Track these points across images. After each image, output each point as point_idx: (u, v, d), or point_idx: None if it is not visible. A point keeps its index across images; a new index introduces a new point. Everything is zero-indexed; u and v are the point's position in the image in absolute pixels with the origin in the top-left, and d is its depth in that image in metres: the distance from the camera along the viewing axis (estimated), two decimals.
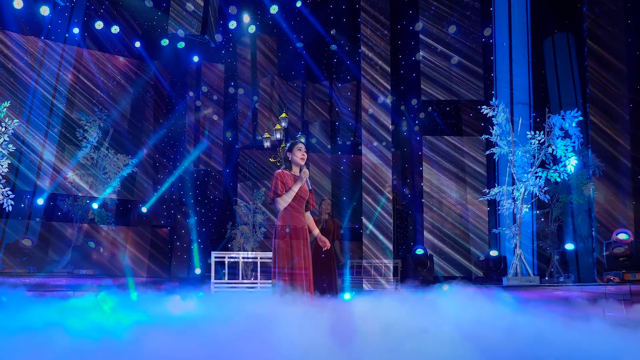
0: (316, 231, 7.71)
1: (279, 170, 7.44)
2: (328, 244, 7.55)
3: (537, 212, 14.29)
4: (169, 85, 18.11)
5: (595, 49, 13.82)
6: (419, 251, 14.35)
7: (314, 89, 17.22)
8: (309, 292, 7.19)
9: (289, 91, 17.61)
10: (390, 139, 15.75)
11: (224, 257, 12.98)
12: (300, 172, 7.41)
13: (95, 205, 16.54)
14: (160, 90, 18.13)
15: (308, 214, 7.66)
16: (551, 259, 13.68)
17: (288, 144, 7.57)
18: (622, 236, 12.18)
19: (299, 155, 7.44)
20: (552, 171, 12.04)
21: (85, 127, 15.78)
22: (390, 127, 15.81)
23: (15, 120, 12.63)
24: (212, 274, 12.84)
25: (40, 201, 15.85)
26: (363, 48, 15.94)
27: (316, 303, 6.88)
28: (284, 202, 7.32)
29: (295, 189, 7.34)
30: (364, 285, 15.07)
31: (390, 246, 15.35)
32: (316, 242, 7.70)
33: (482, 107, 12.46)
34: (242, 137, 17.50)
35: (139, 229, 17.03)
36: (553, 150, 11.98)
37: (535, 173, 12.12)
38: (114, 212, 16.47)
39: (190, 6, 16.25)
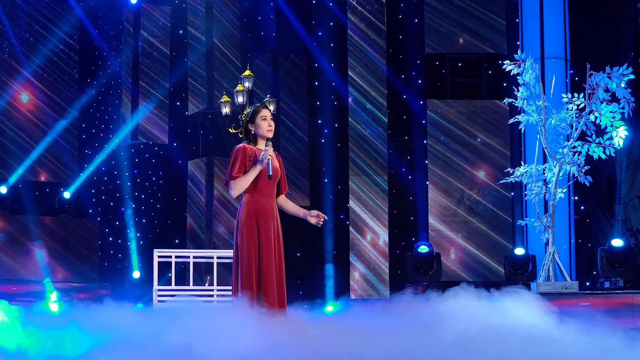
0: (302, 212, 7.55)
1: (240, 145, 7.28)
2: (323, 217, 7.36)
3: (576, 198, 14.31)
4: (99, 34, 17.94)
5: None
6: (423, 248, 14.30)
7: (286, 39, 17.10)
8: (281, 307, 7.07)
9: (254, 42, 17.52)
10: (385, 103, 15.71)
11: (170, 257, 12.91)
12: (266, 143, 7.22)
13: (3, 190, 16.45)
14: (87, 41, 17.94)
15: (283, 198, 7.51)
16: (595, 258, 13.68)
17: (249, 111, 7.35)
18: None
19: (264, 125, 7.26)
20: (595, 145, 12.01)
21: None
22: (386, 87, 15.73)
23: None
24: (155, 279, 12.79)
25: None
26: None
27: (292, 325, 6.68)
28: (238, 187, 7.17)
29: (254, 172, 7.15)
30: (351, 291, 15.07)
31: (386, 241, 15.29)
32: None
33: (505, 62, 12.42)
34: (194, 101, 17.38)
35: (61, 220, 16.88)
36: (596, 118, 11.91)
37: (574, 148, 12.09)
38: (27, 198, 16.39)
39: None
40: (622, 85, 11.76)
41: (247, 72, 13.41)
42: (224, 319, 6.72)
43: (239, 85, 13.26)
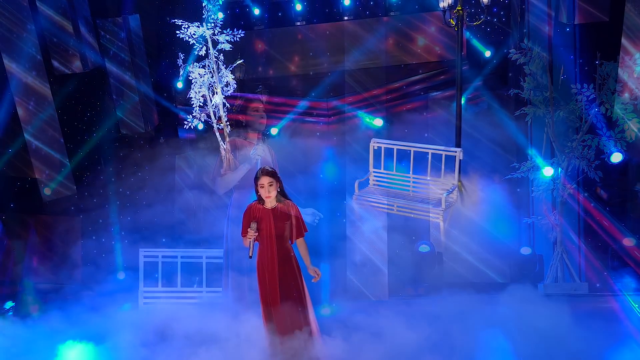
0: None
1: (230, 139, 7.63)
2: (319, 215, 7.42)
3: (585, 194, 14.30)
4: (79, 17, 17.63)
5: None
6: (424, 248, 14.29)
7: (280, 29, 17.08)
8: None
9: (246, 32, 17.48)
10: (384, 95, 15.81)
11: (157, 256, 12.97)
12: (257, 140, 7.24)
13: None
14: (70, 30, 17.66)
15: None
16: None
17: (240, 103, 7.38)
18: None
19: (257, 117, 7.26)
20: (606, 138, 12.01)
21: None
22: (385, 78, 15.82)
23: None
24: (141, 279, 12.84)
25: None
26: None
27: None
28: (224, 185, 7.31)
29: (242, 170, 7.18)
30: (348, 293, 15.04)
31: (385, 240, 15.33)
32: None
33: (510, 50, 12.41)
34: (182, 93, 17.30)
35: (41, 218, 16.84)
36: (607, 109, 11.91)
37: (583, 141, 12.13)
38: (6, 195, 16.39)
39: None
40: (635, 74, 11.78)
41: (239, 62, 13.45)
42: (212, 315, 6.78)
43: (230, 75, 13.30)
